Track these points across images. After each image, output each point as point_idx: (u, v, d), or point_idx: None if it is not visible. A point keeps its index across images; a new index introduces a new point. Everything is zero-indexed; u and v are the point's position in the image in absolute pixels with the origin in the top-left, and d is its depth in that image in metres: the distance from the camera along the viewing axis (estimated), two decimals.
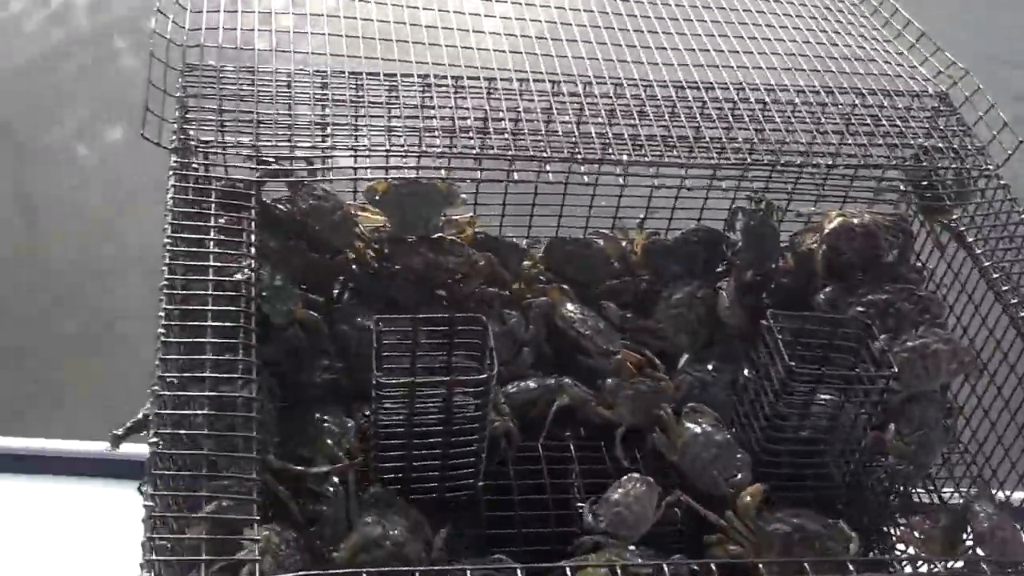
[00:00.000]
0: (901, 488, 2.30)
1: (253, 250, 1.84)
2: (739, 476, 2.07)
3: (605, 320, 2.43)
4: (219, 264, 1.80)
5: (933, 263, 2.52)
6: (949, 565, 1.91)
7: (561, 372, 2.32)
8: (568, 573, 1.55)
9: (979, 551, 2.03)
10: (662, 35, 2.31)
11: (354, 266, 2.39)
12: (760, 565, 1.64)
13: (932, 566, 1.92)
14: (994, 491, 2.26)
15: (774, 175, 2.35)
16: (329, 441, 1.99)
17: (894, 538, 2.22)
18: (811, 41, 2.40)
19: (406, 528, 1.86)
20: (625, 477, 2.03)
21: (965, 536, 2.08)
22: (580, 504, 2.07)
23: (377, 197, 2.35)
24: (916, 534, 2.08)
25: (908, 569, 1.99)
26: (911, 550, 2.11)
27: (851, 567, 1.54)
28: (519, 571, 1.43)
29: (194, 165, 2.01)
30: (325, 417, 2.04)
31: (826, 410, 2.09)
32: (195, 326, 1.70)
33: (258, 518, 1.43)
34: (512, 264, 2.51)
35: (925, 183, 2.42)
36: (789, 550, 1.96)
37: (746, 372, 2.18)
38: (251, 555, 1.40)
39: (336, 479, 1.90)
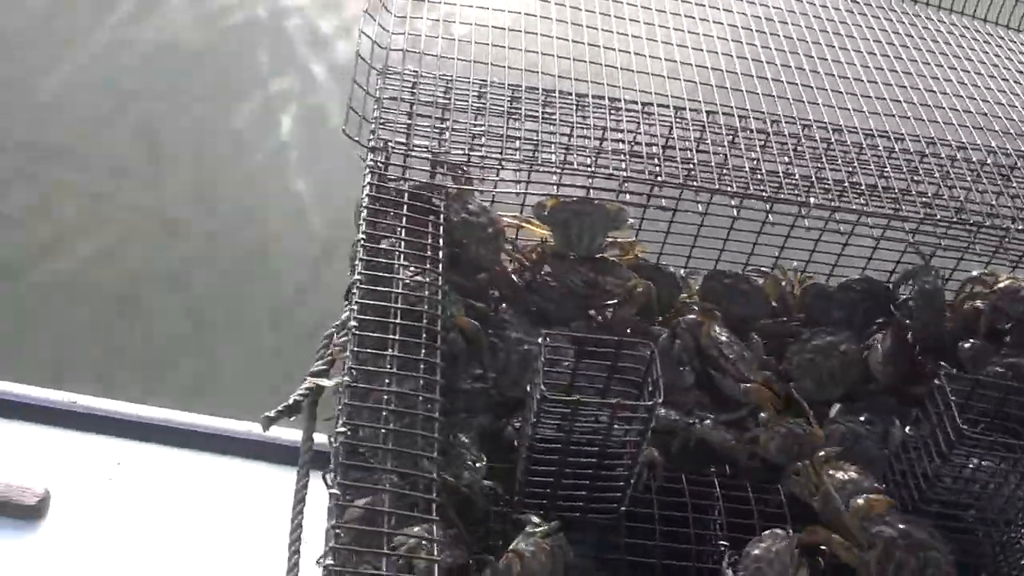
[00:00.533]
0: None
1: (439, 254, 1.87)
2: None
3: (750, 351, 2.41)
4: (407, 263, 1.84)
5: None
6: None
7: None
8: None
9: None
10: (852, 81, 2.29)
11: (513, 276, 2.43)
12: None
13: None
14: None
15: (950, 231, 2.31)
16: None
17: None
18: (1004, 103, 2.35)
19: None
20: (768, 532, 2.00)
21: None
22: (723, 543, 2.06)
23: (546, 212, 2.38)
24: None
25: None
26: None
27: None
28: None
29: (385, 165, 2.06)
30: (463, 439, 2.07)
31: (987, 477, 2.04)
32: (381, 322, 1.74)
33: (436, 518, 1.45)
34: (666, 295, 2.50)
35: None
36: (891, 555, 1.92)
37: (907, 430, 2.14)
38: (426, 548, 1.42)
39: None
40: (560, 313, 2.38)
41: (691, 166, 2.17)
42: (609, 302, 2.42)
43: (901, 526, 1.97)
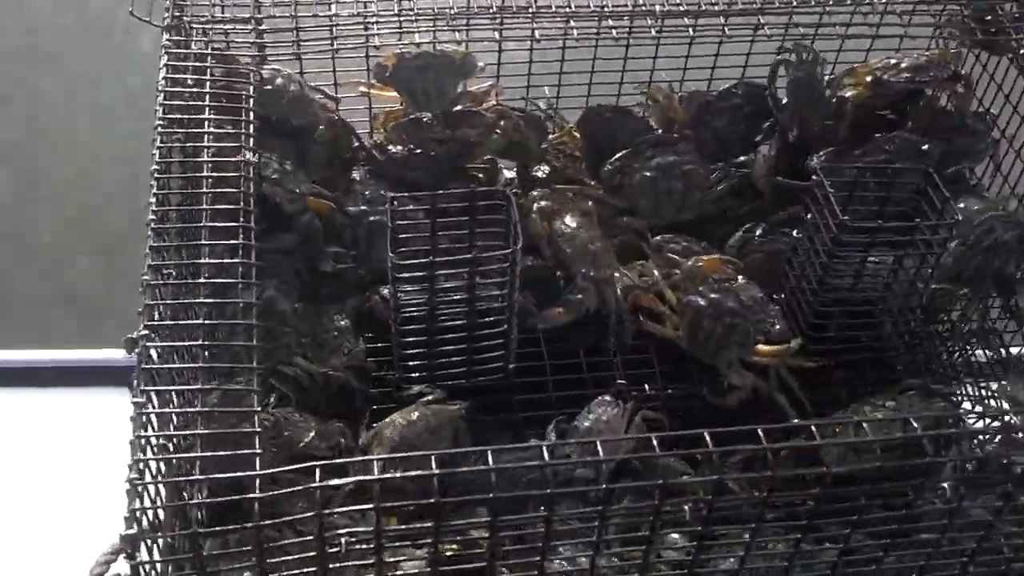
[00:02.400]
0: (965, 346, 2.15)
1: (252, 128, 1.70)
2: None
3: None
4: (218, 144, 1.66)
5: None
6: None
7: None
8: None
9: None
10: None
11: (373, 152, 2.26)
12: None
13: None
14: None
15: (824, 18, 2.16)
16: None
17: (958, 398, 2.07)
18: None
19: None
20: (596, 401, 1.86)
21: None
22: (621, 382, 1.95)
23: (387, 73, 2.20)
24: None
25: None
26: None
27: None
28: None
29: (188, 43, 1.87)
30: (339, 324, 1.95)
31: (881, 270, 1.93)
32: (191, 212, 1.58)
33: (258, 409, 1.31)
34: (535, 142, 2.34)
35: (988, 17, 2.19)
36: (698, 324, 1.91)
37: (795, 233, 2.01)
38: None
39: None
40: (440, 181, 2.22)
41: None
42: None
43: (713, 295, 1.93)
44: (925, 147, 2.12)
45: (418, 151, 2.22)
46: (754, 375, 1.92)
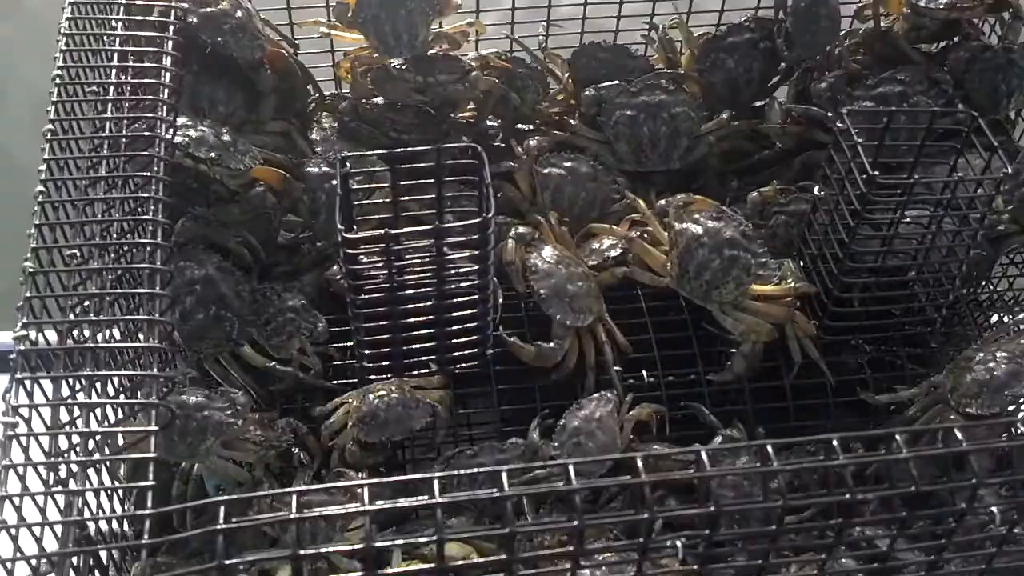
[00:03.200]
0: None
1: (167, 94, 1.43)
2: None
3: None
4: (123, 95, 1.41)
5: None
6: None
7: None
8: None
9: None
10: None
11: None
12: None
13: None
14: None
15: None
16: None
17: None
18: None
19: None
20: (587, 398, 1.62)
21: None
22: (616, 368, 1.70)
23: (350, 13, 1.93)
24: None
25: None
26: None
27: None
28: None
29: None
30: (290, 303, 1.71)
31: (915, 231, 1.66)
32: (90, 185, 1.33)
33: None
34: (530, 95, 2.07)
35: None
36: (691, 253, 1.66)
37: (816, 191, 1.74)
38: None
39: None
40: (423, 137, 1.96)
41: None
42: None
43: (711, 223, 1.67)
44: (942, 77, 1.89)
45: (397, 106, 1.96)
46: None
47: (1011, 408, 1.52)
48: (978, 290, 1.91)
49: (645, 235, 1.78)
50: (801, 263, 1.77)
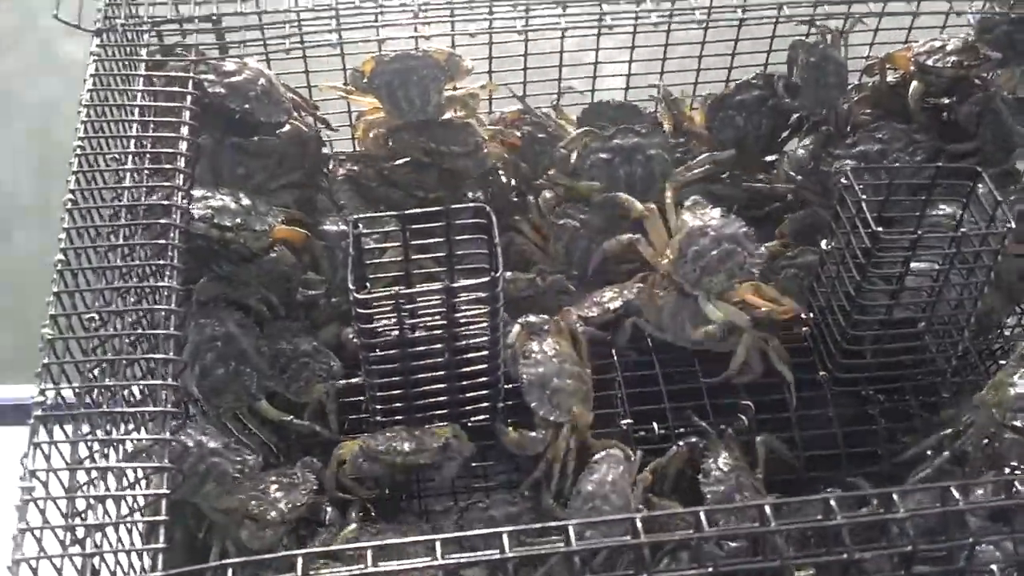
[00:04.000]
0: None
1: (184, 163, 1.48)
2: None
3: None
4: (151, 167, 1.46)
5: None
6: None
7: None
8: None
9: None
10: None
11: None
12: None
13: None
14: None
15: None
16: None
17: None
18: None
19: None
20: (597, 457, 1.62)
21: None
22: (626, 422, 1.72)
23: (365, 79, 1.98)
24: None
25: None
26: None
27: None
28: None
29: (126, 49, 1.67)
30: (303, 348, 1.75)
31: (923, 284, 1.68)
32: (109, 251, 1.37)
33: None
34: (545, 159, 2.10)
35: None
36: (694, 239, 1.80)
37: (823, 244, 1.76)
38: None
39: None
40: (444, 194, 1.99)
41: None
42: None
43: (716, 220, 1.81)
44: (919, 136, 1.95)
45: (405, 161, 2.01)
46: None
47: None
48: (989, 339, 1.91)
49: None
50: (811, 314, 1.79)
